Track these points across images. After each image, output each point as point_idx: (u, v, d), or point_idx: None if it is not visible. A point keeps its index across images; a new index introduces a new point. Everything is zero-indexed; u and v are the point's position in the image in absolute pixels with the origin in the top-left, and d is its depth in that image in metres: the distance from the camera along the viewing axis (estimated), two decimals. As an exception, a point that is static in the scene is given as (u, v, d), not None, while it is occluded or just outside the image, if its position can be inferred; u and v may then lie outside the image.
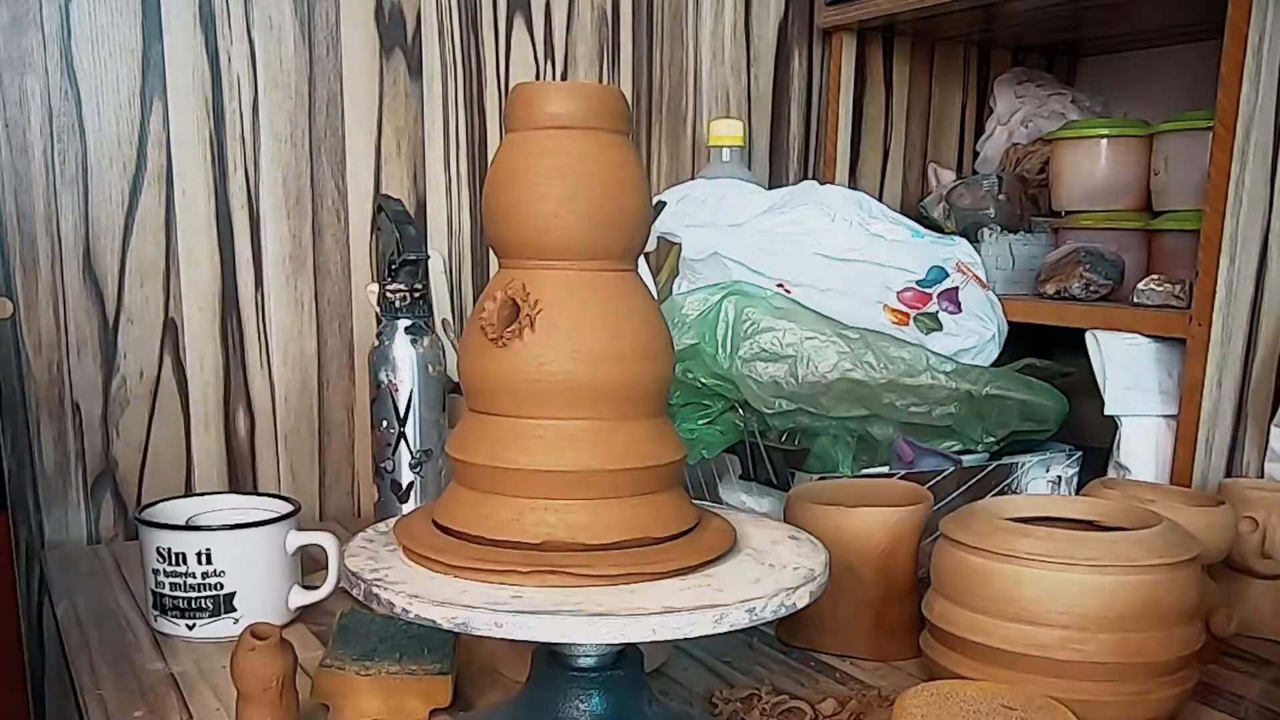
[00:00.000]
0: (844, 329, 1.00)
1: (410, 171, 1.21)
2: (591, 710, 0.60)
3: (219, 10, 1.11)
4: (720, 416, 1.01)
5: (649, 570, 0.57)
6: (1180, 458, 0.99)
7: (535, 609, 0.52)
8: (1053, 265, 1.13)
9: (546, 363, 0.57)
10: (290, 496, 0.94)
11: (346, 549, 0.63)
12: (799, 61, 1.40)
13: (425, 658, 0.73)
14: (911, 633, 0.80)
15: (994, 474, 0.97)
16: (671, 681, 0.78)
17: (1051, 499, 0.88)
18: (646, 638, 0.52)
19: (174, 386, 1.14)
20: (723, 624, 0.53)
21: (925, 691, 0.63)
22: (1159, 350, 1.03)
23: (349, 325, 1.20)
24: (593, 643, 0.59)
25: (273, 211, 1.15)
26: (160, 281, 1.12)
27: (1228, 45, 0.94)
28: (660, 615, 0.52)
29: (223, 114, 1.12)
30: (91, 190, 1.08)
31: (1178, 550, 0.68)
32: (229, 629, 0.82)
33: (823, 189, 1.13)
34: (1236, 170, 0.94)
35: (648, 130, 1.33)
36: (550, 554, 0.57)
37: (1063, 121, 1.33)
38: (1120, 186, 1.17)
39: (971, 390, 0.99)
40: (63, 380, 1.09)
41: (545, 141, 0.59)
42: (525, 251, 0.59)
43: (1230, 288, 0.96)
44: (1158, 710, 0.68)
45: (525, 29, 1.25)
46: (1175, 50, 1.36)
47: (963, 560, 0.71)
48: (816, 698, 0.74)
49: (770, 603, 0.55)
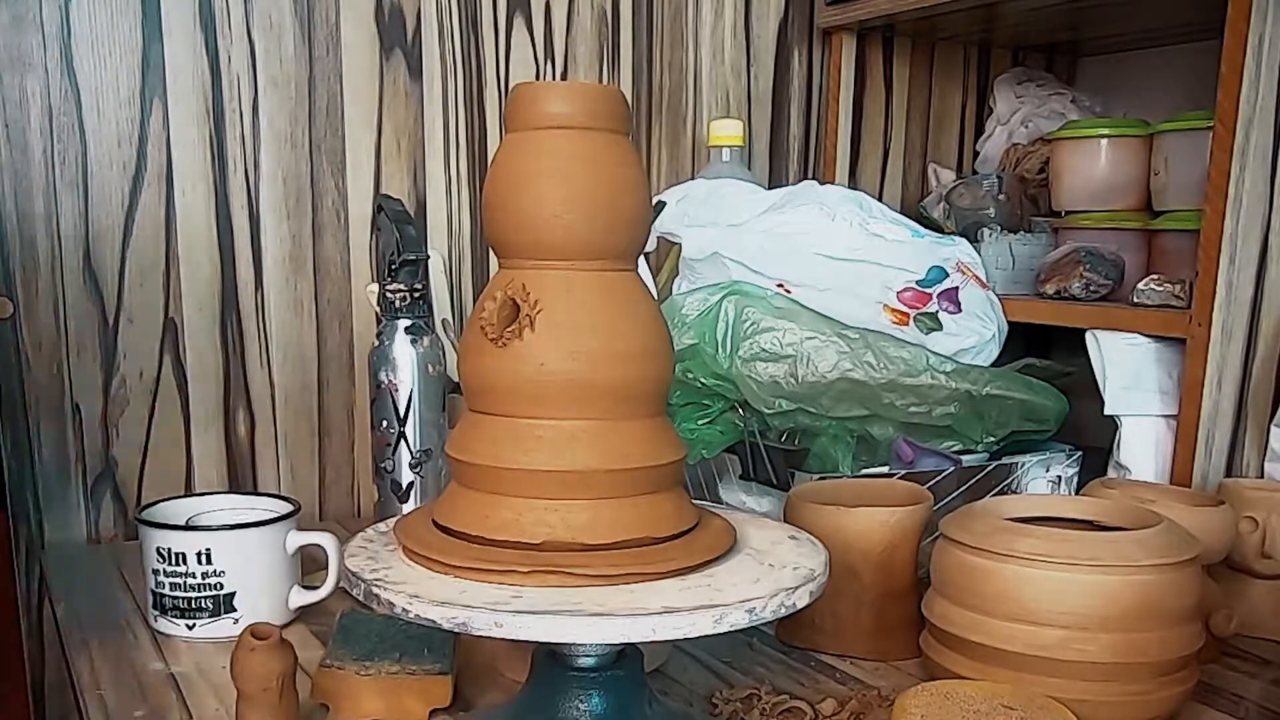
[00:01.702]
0: (844, 329, 1.00)
1: (410, 171, 1.21)
2: (591, 710, 0.60)
3: (219, 10, 1.11)
4: (720, 416, 1.01)
5: (649, 570, 0.57)
6: (1180, 458, 0.99)
7: (535, 609, 0.52)
8: (1053, 265, 1.13)
9: (546, 363, 0.57)
10: (290, 496, 0.94)
11: (346, 549, 0.63)
12: (799, 61, 1.40)
13: (425, 658, 0.73)
14: (911, 633, 0.80)
15: (994, 474, 0.97)
16: (671, 681, 0.78)
17: (1051, 499, 0.88)
18: (646, 638, 0.52)
19: (174, 386, 1.14)
20: (723, 624, 0.53)
21: (925, 691, 0.63)
22: (1159, 350, 1.03)
23: (349, 325, 1.20)
24: (593, 643, 0.59)
25: (273, 211, 1.15)
26: (160, 281, 1.12)
27: (1228, 45, 0.94)
28: (660, 615, 0.52)
29: (223, 114, 1.12)
30: (91, 190, 1.08)
31: (1178, 550, 0.68)
32: (229, 629, 0.82)
33: (823, 189, 1.13)
34: (1236, 170, 0.94)
35: (648, 130, 1.33)
36: (550, 554, 0.57)
37: (1063, 121, 1.32)
38: (1120, 186, 1.17)
39: (971, 390, 0.99)
40: (63, 380, 1.09)
41: (545, 142, 0.59)
42: (525, 251, 0.59)
43: (1230, 288, 0.96)
44: (1158, 710, 0.68)
45: (525, 29, 1.25)
46: (1175, 50, 1.36)
47: (963, 560, 0.71)
48: (816, 698, 0.74)
49: (770, 603, 0.55)
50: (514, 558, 0.56)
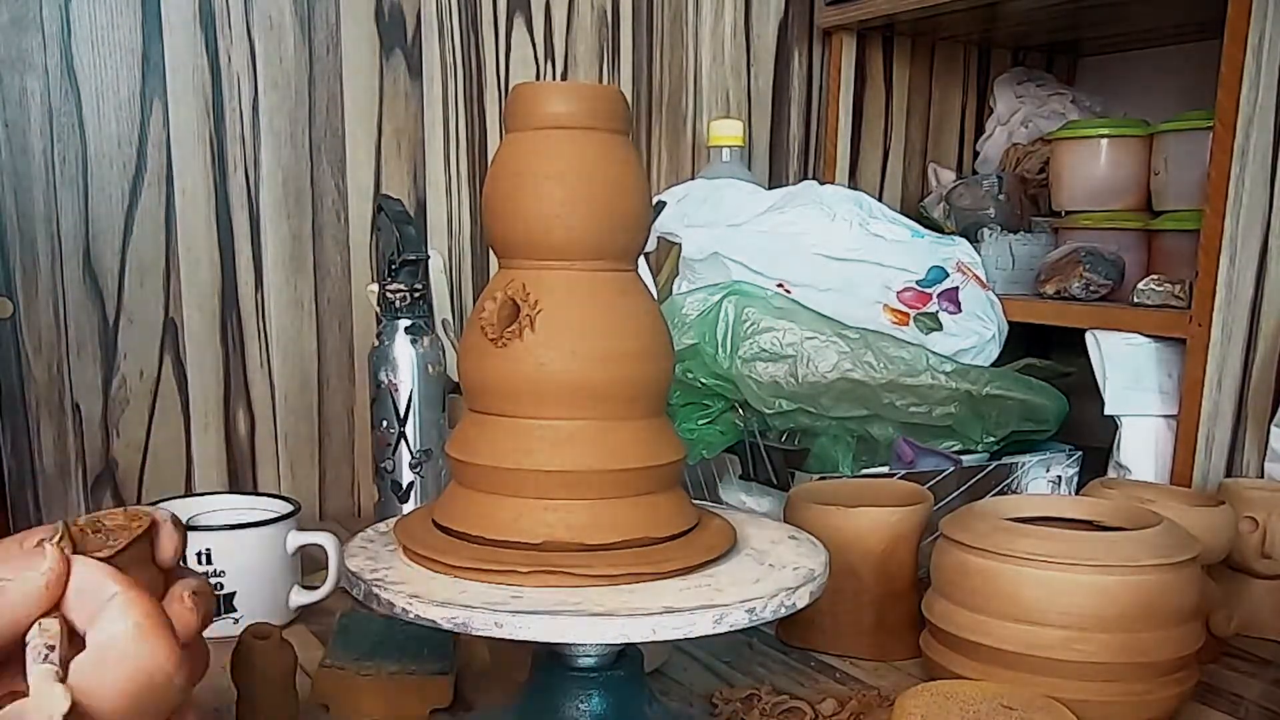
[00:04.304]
0: (844, 329, 1.00)
1: (410, 171, 1.21)
2: (591, 710, 0.60)
3: (219, 10, 1.11)
4: (720, 416, 1.01)
5: (649, 570, 0.57)
6: (1180, 458, 0.99)
7: (535, 609, 0.52)
8: (1053, 265, 1.13)
9: (546, 363, 0.57)
10: (290, 496, 0.93)
11: (346, 549, 0.63)
12: (799, 61, 1.40)
13: (425, 658, 0.73)
14: (911, 633, 0.80)
15: (994, 474, 0.97)
16: (671, 681, 0.78)
17: (1051, 499, 0.88)
18: (647, 638, 0.52)
19: (174, 386, 1.14)
20: (723, 624, 0.53)
21: (925, 691, 0.63)
22: (1159, 350, 1.03)
23: (349, 325, 1.20)
24: (593, 643, 0.59)
25: (273, 211, 1.15)
26: (160, 281, 1.12)
27: (1228, 45, 0.94)
28: (660, 615, 0.52)
29: (223, 114, 1.12)
30: (91, 190, 1.08)
31: (1178, 550, 0.68)
32: (229, 629, 0.82)
33: (823, 189, 1.13)
34: (1236, 170, 0.94)
35: (648, 130, 1.33)
36: (550, 554, 0.57)
37: (1063, 121, 1.33)
38: (1120, 186, 1.17)
39: (971, 390, 0.99)
40: (63, 380, 1.09)
41: (545, 142, 0.59)
42: (525, 251, 0.59)
43: (1230, 288, 0.96)
44: (1158, 710, 0.68)
45: (525, 29, 1.25)
46: (1175, 50, 1.36)
47: (963, 560, 0.71)
48: (816, 698, 0.74)
49: (770, 603, 0.55)
50: (514, 558, 0.56)
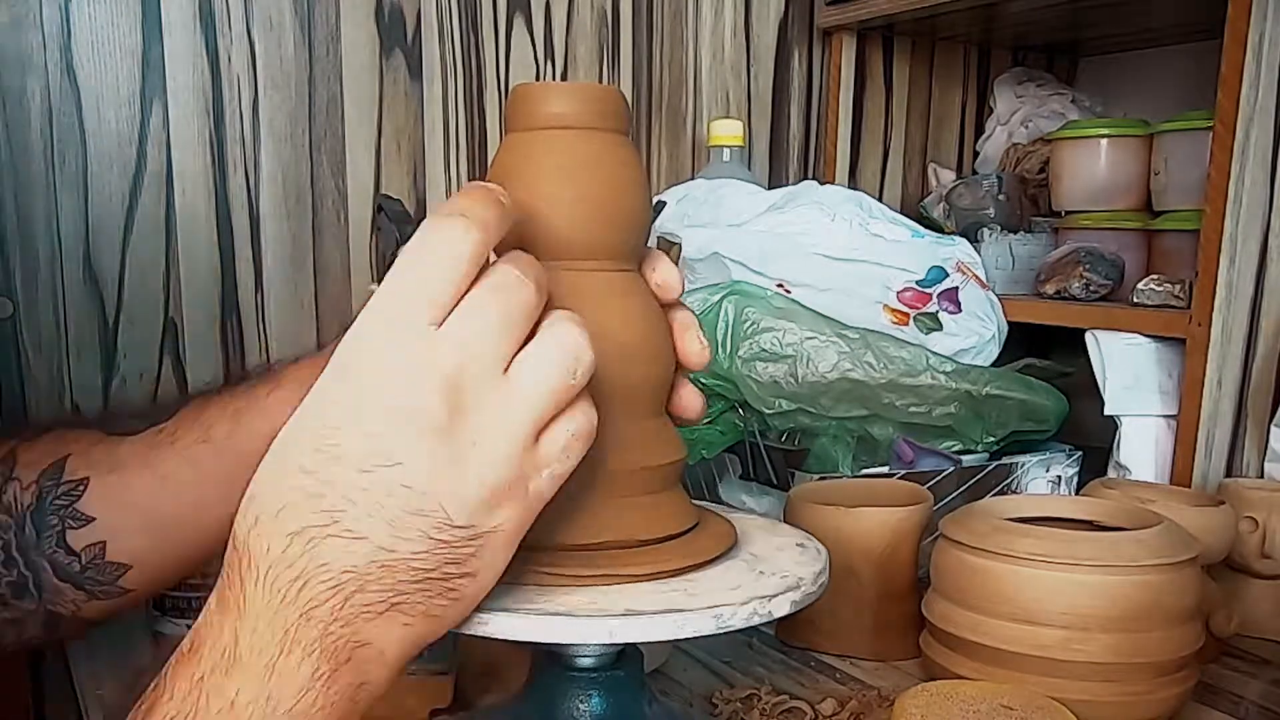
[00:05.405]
0: (844, 329, 1.00)
1: (410, 171, 1.21)
2: (591, 710, 0.60)
3: (219, 10, 1.11)
4: (720, 416, 1.01)
5: (648, 571, 0.57)
6: (1180, 458, 0.99)
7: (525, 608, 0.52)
8: (1053, 265, 1.13)
9: (546, 363, 0.57)
10: (290, 496, 0.93)
11: (346, 549, 0.63)
12: (799, 61, 1.40)
13: (425, 658, 0.73)
14: (911, 633, 0.80)
15: (994, 474, 0.97)
16: (671, 681, 0.78)
17: (1051, 499, 0.88)
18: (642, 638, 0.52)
19: (174, 386, 1.13)
20: (685, 629, 0.52)
21: (925, 691, 0.63)
22: (1159, 350, 1.03)
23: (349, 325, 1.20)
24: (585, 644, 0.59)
25: (273, 211, 1.15)
26: (160, 281, 1.12)
27: (1228, 45, 0.94)
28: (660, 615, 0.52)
29: (223, 114, 1.12)
30: (91, 190, 1.08)
31: (1178, 550, 0.68)
32: (229, 629, 0.82)
33: (823, 189, 1.13)
34: (1236, 170, 0.94)
35: (648, 130, 1.33)
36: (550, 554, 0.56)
37: (1063, 121, 1.33)
38: (1120, 186, 1.17)
39: (971, 390, 0.99)
40: (63, 380, 1.09)
41: (545, 142, 0.58)
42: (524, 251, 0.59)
43: (1230, 288, 0.96)
44: (1158, 710, 0.68)
45: (525, 29, 1.25)
46: (1175, 50, 1.36)
47: (963, 560, 0.71)
48: (816, 698, 0.74)
49: (741, 610, 0.52)
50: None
